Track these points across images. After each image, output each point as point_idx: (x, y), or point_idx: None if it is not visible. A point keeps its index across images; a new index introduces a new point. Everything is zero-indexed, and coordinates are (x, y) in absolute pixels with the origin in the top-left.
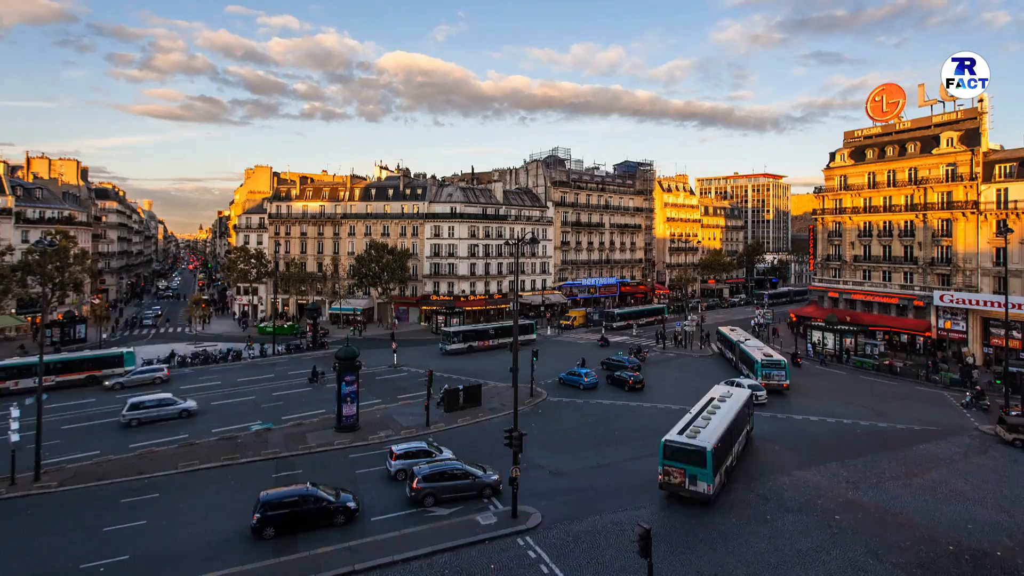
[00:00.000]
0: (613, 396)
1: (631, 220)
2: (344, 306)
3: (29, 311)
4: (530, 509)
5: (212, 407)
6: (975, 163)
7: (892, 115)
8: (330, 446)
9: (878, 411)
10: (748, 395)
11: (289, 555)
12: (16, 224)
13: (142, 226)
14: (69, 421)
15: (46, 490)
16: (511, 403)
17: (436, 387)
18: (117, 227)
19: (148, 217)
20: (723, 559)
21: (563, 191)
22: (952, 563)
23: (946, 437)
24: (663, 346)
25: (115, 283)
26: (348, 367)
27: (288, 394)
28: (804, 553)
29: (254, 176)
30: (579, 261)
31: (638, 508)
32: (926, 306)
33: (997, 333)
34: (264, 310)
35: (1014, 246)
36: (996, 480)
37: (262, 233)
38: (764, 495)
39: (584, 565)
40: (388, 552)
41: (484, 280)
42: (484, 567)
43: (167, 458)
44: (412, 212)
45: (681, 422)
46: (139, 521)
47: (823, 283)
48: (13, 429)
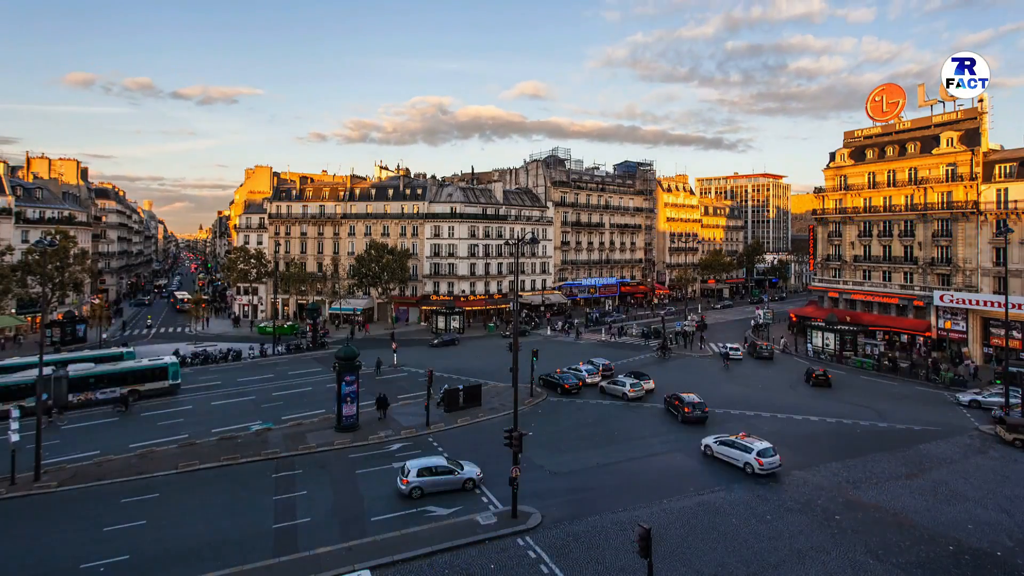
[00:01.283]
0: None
1: (631, 220)
2: (344, 306)
3: (29, 311)
4: (530, 509)
5: (212, 407)
6: (975, 163)
7: (892, 115)
8: (330, 446)
9: (878, 411)
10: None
11: (290, 555)
12: (16, 224)
13: (142, 226)
14: (69, 421)
15: (46, 490)
16: (511, 403)
17: (436, 387)
18: (117, 227)
19: (148, 217)
20: (723, 559)
21: (563, 191)
22: (952, 563)
23: (946, 437)
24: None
25: (115, 283)
26: (348, 367)
27: (288, 394)
28: (804, 553)
29: (254, 176)
30: (579, 261)
31: (638, 508)
32: (926, 306)
33: (997, 333)
34: (264, 310)
35: (1014, 246)
36: (996, 480)
37: (262, 233)
38: (764, 495)
39: (584, 565)
40: (388, 552)
41: (484, 280)
42: (484, 567)
43: (167, 458)
44: (412, 212)
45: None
46: (139, 521)
47: (823, 283)
48: (13, 429)
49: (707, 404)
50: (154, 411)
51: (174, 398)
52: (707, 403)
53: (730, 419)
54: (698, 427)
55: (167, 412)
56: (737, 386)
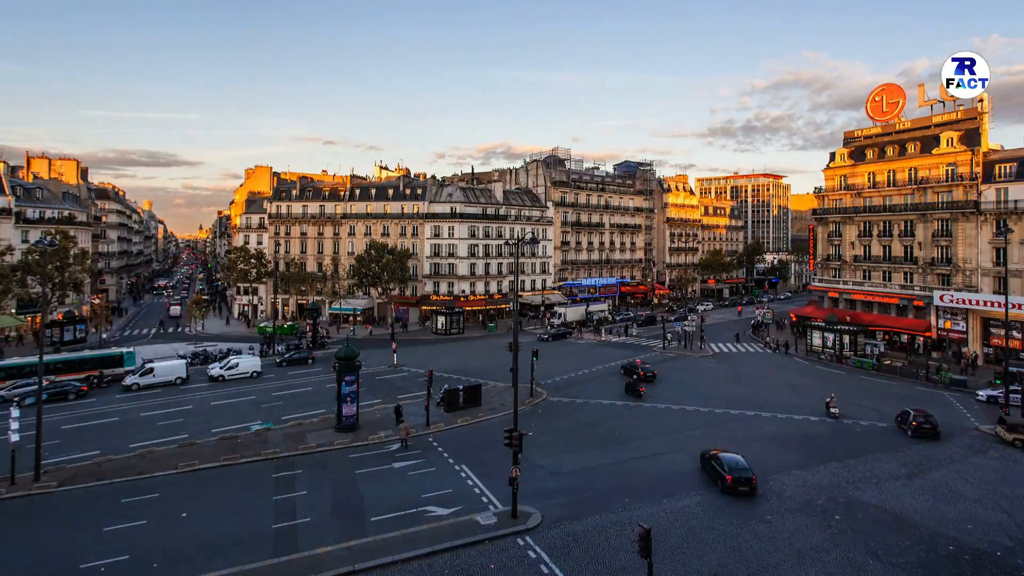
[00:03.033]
0: (613, 397)
1: (631, 220)
2: (344, 306)
3: (29, 311)
4: (530, 509)
5: (212, 407)
6: (975, 163)
7: (892, 115)
8: (330, 446)
9: (878, 411)
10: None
11: (290, 555)
12: (16, 224)
13: (142, 226)
14: (69, 421)
15: (46, 490)
16: (511, 403)
17: (436, 387)
18: (117, 227)
19: (148, 217)
20: (723, 559)
21: (563, 191)
22: (952, 563)
23: (946, 437)
24: (663, 346)
25: (115, 283)
26: (348, 367)
27: (288, 394)
28: (804, 553)
29: (254, 176)
30: (579, 261)
31: (638, 508)
32: (926, 306)
33: (997, 333)
34: (264, 310)
35: (1014, 246)
36: (996, 480)
37: (262, 233)
38: (764, 495)
39: (584, 565)
40: (388, 552)
41: (484, 280)
42: (484, 567)
43: (167, 458)
44: (412, 212)
45: None
46: (139, 521)
47: (823, 283)
48: (13, 429)
49: (752, 471)
50: (153, 411)
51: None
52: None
53: (730, 419)
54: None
55: (167, 412)
56: (737, 386)
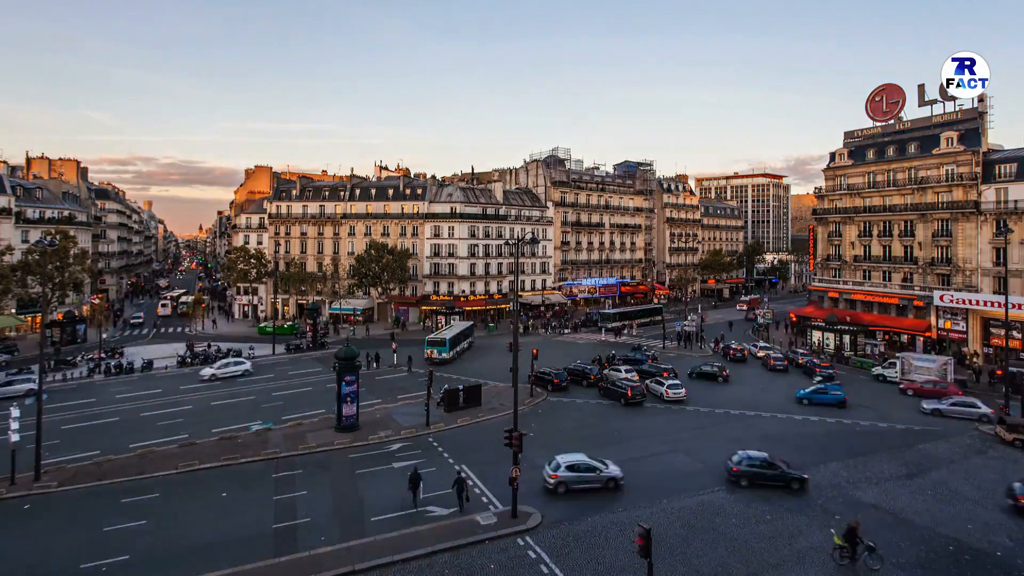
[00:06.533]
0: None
1: (631, 220)
2: (344, 306)
3: (29, 311)
4: (530, 509)
5: (212, 407)
6: (975, 163)
7: (892, 115)
8: (330, 446)
9: (878, 411)
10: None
11: (290, 555)
12: (16, 224)
13: (142, 226)
14: (70, 421)
15: (46, 490)
16: (511, 403)
17: (436, 387)
18: (117, 227)
19: (148, 217)
20: (723, 559)
21: (563, 191)
22: (952, 563)
23: (946, 437)
24: (663, 346)
25: (115, 283)
26: (348, 367)
27: (288, 394)
28: (804, 553)
29: (254, 176)
30: (579, 261)
31: (638, 508)
32: (926, 306)
33: (997, 333)
34: (264, 310)
35: (1014, 246)
36: (996, 480)
37: (262, 233)
38: (764, 495)
39: (584, 565)
40: (388, 552)
41: (484, 280)
42: (484, 567)
43: (167, 458)
44: (412, 212)
45: None
46: (139, 521)
47: (823, 283)
48: (13, 429)
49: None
50: (153, 411)
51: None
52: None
53: (730, 419)
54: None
55: (167, 412)
56: (737, 386)
